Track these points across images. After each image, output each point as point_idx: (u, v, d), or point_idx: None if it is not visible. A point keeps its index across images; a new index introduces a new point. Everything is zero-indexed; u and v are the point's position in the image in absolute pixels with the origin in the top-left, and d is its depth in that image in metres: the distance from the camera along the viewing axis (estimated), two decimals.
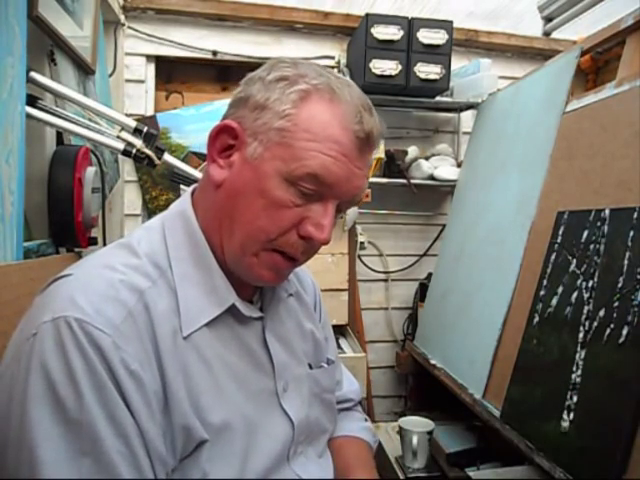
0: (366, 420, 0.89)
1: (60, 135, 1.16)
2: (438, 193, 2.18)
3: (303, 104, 0.57)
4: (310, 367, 0.73)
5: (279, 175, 0.56)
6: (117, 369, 0.49)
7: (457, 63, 2.02)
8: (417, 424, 1.35)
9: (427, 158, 2.04)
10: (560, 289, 1.09)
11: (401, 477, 1.34)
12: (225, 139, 0.60)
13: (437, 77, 1.84)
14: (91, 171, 1.16)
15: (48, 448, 0.45)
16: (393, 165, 1.99)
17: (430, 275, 1.95)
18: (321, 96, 0.58)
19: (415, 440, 1.31)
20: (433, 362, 1.58)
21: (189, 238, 0.62)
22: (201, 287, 0.60)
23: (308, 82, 0.58)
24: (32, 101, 0.99)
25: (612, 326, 0.92)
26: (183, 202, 0.66)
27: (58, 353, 0.48)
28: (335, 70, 1.93)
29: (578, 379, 0.95)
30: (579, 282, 1.04)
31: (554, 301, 1.09)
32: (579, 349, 0.97)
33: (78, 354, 0.48)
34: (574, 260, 1.08)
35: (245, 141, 0.59)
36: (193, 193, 0.67)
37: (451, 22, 1.85)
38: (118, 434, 0.48)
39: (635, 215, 0.95)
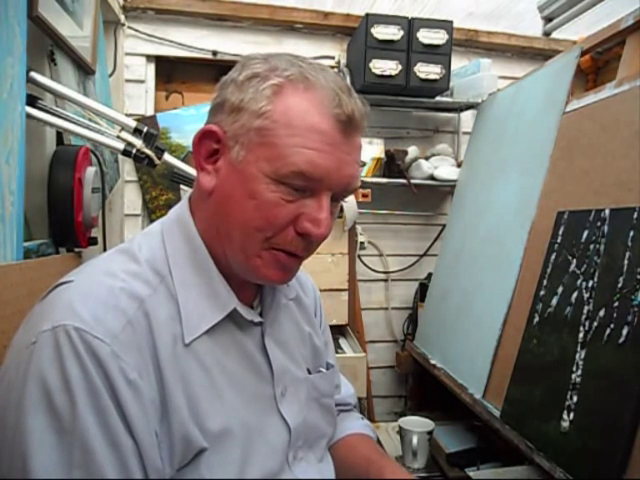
0: (363, 419, 0.91)
1: (60, 135, 1.16)
2: (438, 193, 2.18)
3: (278, 99, 0.56)
4: (309, 372, 0.73)
5: (266, 176, 0.55)
6: (115, 378, 0.49)
7: (457, 63, 2.02)
8: (417, 424, 1.35)
9: (427, 158, 2.04)
10: (560, 289, 1.09)
11: None
12: (209, 144, 0.60)
13: (437, 77, 1.84)
14: (91, 171, 1.15)
15: (40, 458, 0.45)
16: (393, 165, 1.99)
17: (430, 275, 1.95)
18: (295, 87, 0.56)
19: (415, 440, 1.31)
20: (433, 362, 1.58)
21: (187, 244, 0.62)
22: (202, 292, 0.60)
23: (280, 75, 0.57)
24: (32, 101, 0.99)
25: (612, 326, 0.92)
26: (181, 207, 0.65)
27: (56, 362, 0.48)
28: (335, 70, 1.94)
29: (578, 379, 0.95)
30: (579, 282, 1.04)
31: (554, 301, 1.09)
32: (579, 349, 0.97)
33: (75, 363, 0.48)
34: (574, 260, 1.07)
35: (228, 145, 0.58)
36: (190, 198, 0.66)
37: (451, 22, 1.85)
38: (111, 444, 0.48)
39: (635, 215, 0.95)
